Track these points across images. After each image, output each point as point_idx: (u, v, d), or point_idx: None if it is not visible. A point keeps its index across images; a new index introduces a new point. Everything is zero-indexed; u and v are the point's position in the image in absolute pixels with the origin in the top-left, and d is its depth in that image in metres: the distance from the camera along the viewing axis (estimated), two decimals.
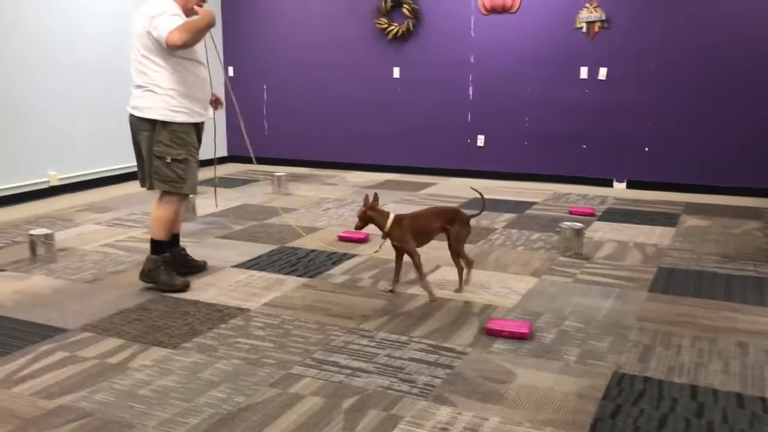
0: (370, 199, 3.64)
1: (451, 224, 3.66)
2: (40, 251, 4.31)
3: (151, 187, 3.79)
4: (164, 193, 3.75)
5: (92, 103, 6.74)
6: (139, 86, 3.63)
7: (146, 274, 3.74)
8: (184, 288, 3.74)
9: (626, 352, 2.94)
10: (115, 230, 5.07)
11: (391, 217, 3.61)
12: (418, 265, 3.57)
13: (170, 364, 2.82)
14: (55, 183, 6.40)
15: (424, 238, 3.68)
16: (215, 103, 4.05)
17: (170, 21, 3.47)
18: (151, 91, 3.60)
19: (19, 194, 6.09)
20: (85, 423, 2.36)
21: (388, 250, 4.47)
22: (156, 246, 3.75)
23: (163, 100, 3.60)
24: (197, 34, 3.54)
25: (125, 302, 3.55)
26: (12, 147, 6.02)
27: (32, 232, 4.35)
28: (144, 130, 3.66)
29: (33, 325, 3.24)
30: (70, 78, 6.47)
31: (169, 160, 3.66)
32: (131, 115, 3.70)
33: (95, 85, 6.75)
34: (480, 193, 3.93)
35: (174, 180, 3.70)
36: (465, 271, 3.74)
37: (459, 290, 3.70)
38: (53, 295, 3.68)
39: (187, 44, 3.50)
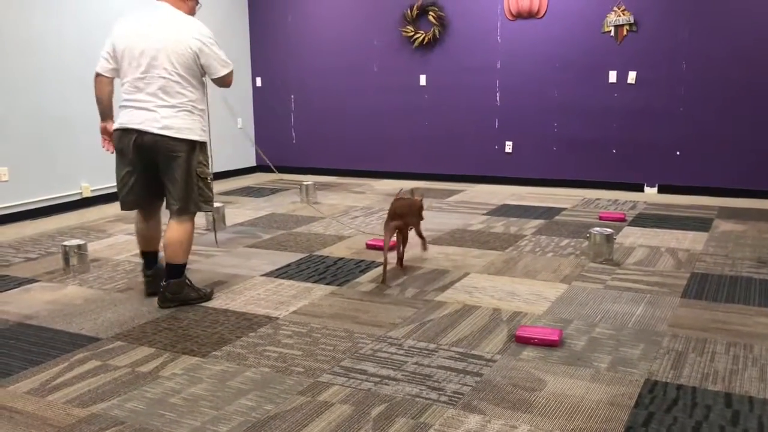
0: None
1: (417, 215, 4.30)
2: (73, 261, 4.38)
3: (169, 208, 3.64)
4: (185, 214, 3.63)
5: None
6: (171, 106, 3.48)
7: (171, 300, 3.62)
8: (211, 293, 3.79)
9: (659, 359, 2.89)
10: None
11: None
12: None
13: (200, 373, 2.85)
14: (87, 194, 6.51)
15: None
16: None
17: (221, 53, 3.60)
18: (188, 111, 3.53)
19: (52, 206, 6.21)
20: (117, 431, 2.39)
21: (414, 260, 4.47)
22: (180, 268, 3.64)
23: (199, 120, 3.59)
24: None
25: (156, 311, 3.59)
26: (46, 159, 6.14)
27: (65, 242, 4.42)
28: (181, 151, 3.51)
29: (66, 335, 3.30)
30: None
31: (209, 180, 3.68)
32: (160, 136, 3.47)
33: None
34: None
35: (211, 199, 3.75)
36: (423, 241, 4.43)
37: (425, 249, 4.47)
38: (86, 304, 3.73)
39: None
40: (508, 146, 7.32)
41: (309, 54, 8.13)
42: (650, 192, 6.76)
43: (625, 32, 6.63)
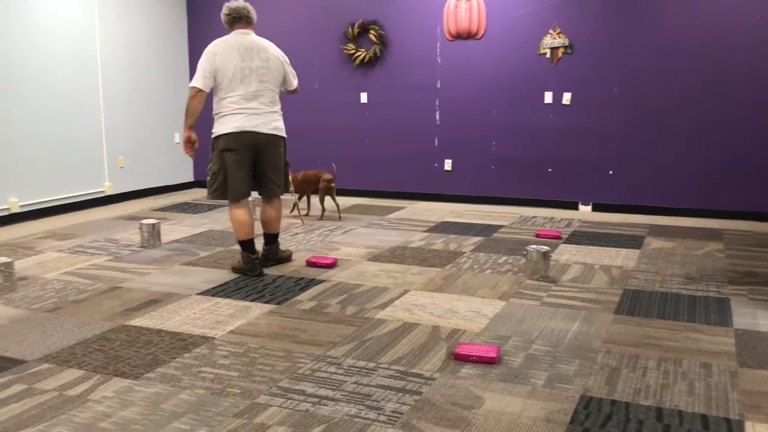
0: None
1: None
2: None
3: (270, 194, 4.60)
4: (280, 195, 4.68)
5: (55, 127, 6.64)
6: (273, 111, 4.49)
7: (272, 260, 4.72)
8: (291, 254, 4.94)
9: (593, 375, 2.95)
10: (78, 258, 4.97)
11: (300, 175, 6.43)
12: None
13: (132, 395, 2.76)
14: (15, 210, 6.27)
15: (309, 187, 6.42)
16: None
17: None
18: (281, 115, 4.57)
19: None
20: None
21: (354, 277, 4.46)
22: (277, 236, 4.75)
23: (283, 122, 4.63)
24: None
25: (86, 332, 3.47)
26: None
27: None
28: (281, 146, 4.56)
29: None
30: (31, 101, 6.38)
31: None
32: (271, 135, 4.45)
33: (57, 111, 6.67)
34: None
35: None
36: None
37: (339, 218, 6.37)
38: (12, 325, 3.58)
39: None
40: (448, 164, 7.40)
41: None
42: (585, 210, 6.94)
43: (560, 54, 6.81)
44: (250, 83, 4.37)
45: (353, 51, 7.50)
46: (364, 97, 7.64)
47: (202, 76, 4.33)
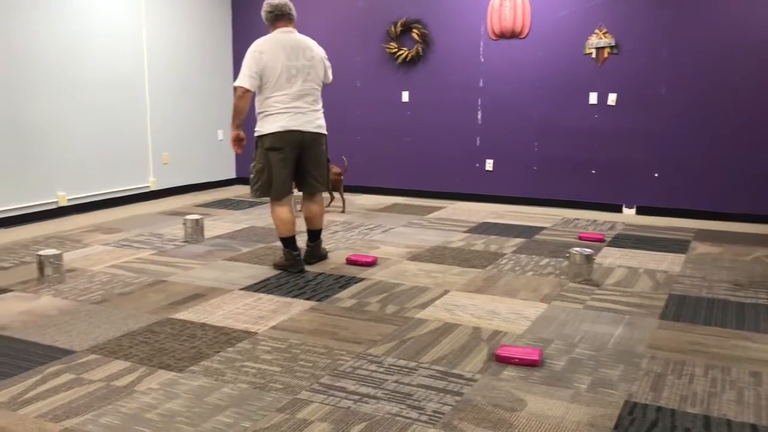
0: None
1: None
2: (48, 272, 4.31)
3: (313, 191, 4.66)
4: (324, 191, 4.79)
5: (102, 124, 6.79)
6: (316, 110, 4.53)
7: (316, 256, 4.77)
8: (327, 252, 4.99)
9: (638, 381, 2.90)
10: (123, 251, 5.07)
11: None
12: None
13: (177, 388, 2.80)
14: (63, 204, 6.42)
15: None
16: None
17: None
18: (322, 112, 4.61)
19: (27, 214, 6.11)
20: None
21: (394, 276, 4.46)
22: (320, 232, 4.80)
23: None
24: None
25: (132, 324, 3.54)
26: (23, 167, 6.05)
27: (41, 252, 4.35)
28: (324, 143, 4.64)
29: (39, 346, 3.23)
30: (81, 99, 6.53)
31: None
32: (315, 133, 4.51)
33: (105, 108, 6.81)
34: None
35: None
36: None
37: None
38: (60, 316, 3.67)
39: None
40: (489, 164, 7.36)
41: None
42: (629, 213, 6.83)
43: (606, 54, 6.72)
44: (296, 82, 4.40)
45: (395, 49, 7.50)
46: (405, 96, 7.63)
47: (248, 75, 4.34)
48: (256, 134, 4.50)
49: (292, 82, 4.39)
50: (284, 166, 4.44)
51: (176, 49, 7.60)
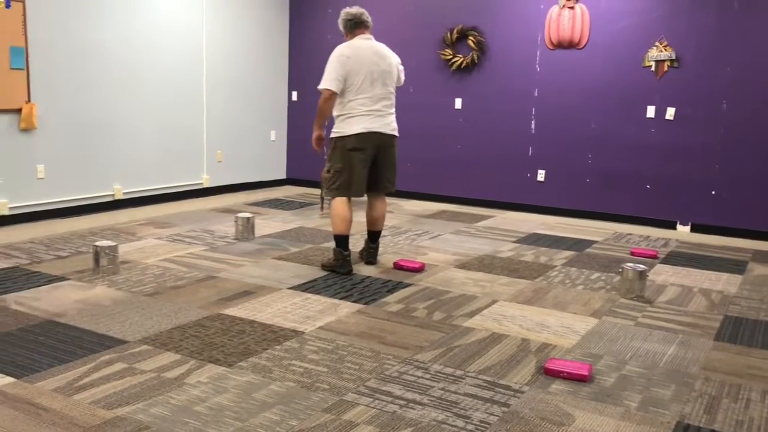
0: None
1: None
2: (103, 262, 4.41)
3: (384, 190, 4.78)
4: (388, 193, 4.86)
5: (161, 121, 6.94)
6: (392, 113, 4.70)
7: (376, 255, 4.87)
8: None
9: (691, 402, 2.82)
10: (176, 246, 5.16)
11: None
12: None
13: (225, 383, 2.83)
14: (119, 197, 6.58)
15: None
16: None
17: None
18: (395, 116, 4.77)
19: (84, 206, 6.28)
20: None
21: (442, 283, 4.44)
22: (380, 233, 4.90)
23: None
24: None
25: (183, 318, 3.60)
26: (82, 160, 6.22)
27: (97, 243, 4.46)
28: (396, 145, 4.79)
29: (94, 335, 3.31)
30: (142, 97, 6.68)
31: None
32: (391, 135, 4.68)
33: (162, 106, 6.95)
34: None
35: None
36: None
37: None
38: (114, 306, 3.75)
39: None
40: (541, 174, 7.28)
41: None
42: (683, 230, 6.67)
43: (665, 68, 6.58)
44: (376, 86, 4.57)
45: (450, 56, 7.48)
46: (458, 103, 7.61)
47: (335, 78, 4.49)
48: (335, 135, 4.61)
49: (374, 86, 4.56)
50: (363, 166, 4.59)
51: (235, 51, 7.73)
